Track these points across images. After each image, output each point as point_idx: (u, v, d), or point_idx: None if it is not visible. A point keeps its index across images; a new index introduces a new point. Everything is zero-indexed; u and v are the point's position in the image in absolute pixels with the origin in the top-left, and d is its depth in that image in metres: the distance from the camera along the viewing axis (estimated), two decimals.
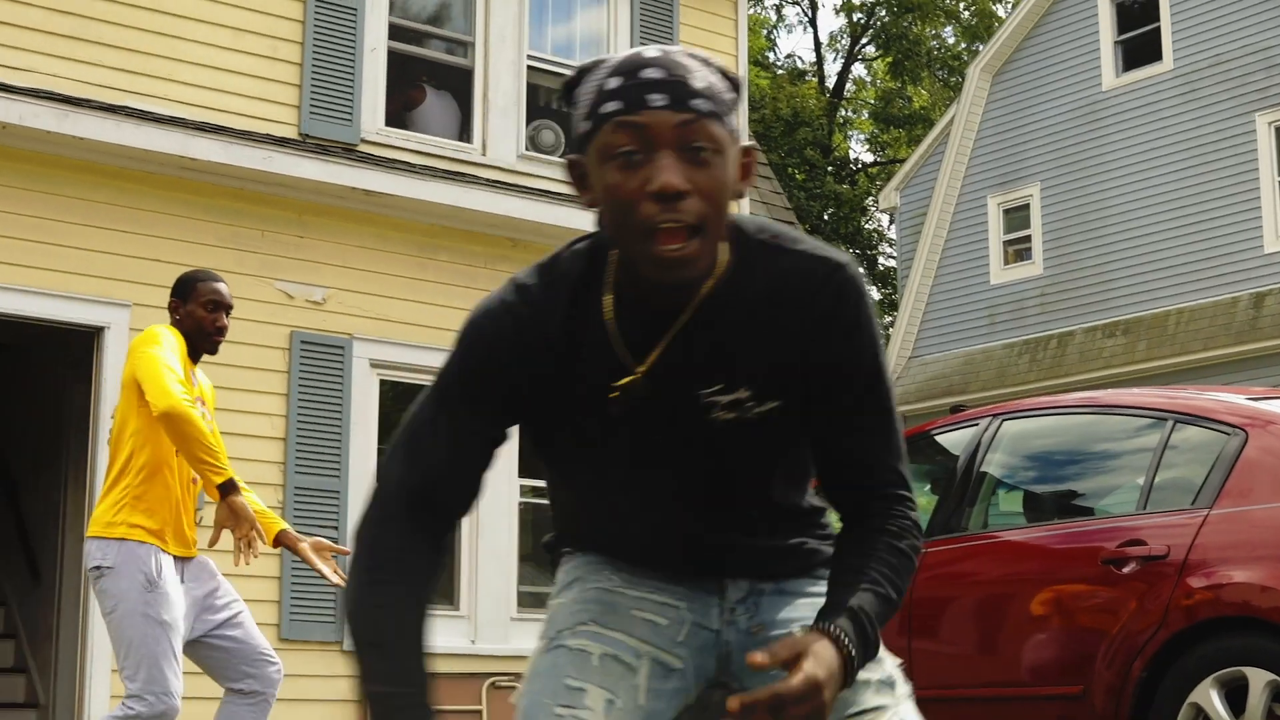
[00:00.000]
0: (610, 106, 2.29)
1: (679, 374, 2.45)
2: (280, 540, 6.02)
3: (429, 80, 13.21)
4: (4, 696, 12.80)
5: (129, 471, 5.86)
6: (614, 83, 2.30)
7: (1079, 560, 6.49)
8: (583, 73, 2.39)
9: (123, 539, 5.81)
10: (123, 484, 5.86)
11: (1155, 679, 6.01)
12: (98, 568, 5.82)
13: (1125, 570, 6.20)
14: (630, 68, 2.30)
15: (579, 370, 2.45)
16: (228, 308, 6.04)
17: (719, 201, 2.29)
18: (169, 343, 5.85)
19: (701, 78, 2.31)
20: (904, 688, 2.60)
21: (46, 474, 12.78)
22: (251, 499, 5.96)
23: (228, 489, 5.75)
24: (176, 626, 5.77)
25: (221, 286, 6.04)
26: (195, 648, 6.01)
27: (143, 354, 5.81)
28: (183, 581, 5.91)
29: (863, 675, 2.48)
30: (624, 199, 2.27)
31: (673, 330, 2.42)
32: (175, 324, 5.99)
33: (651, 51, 2.32)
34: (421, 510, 2.43)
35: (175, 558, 5.89)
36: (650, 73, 2.28)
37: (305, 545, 5.97)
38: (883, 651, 2.56)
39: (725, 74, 2.38)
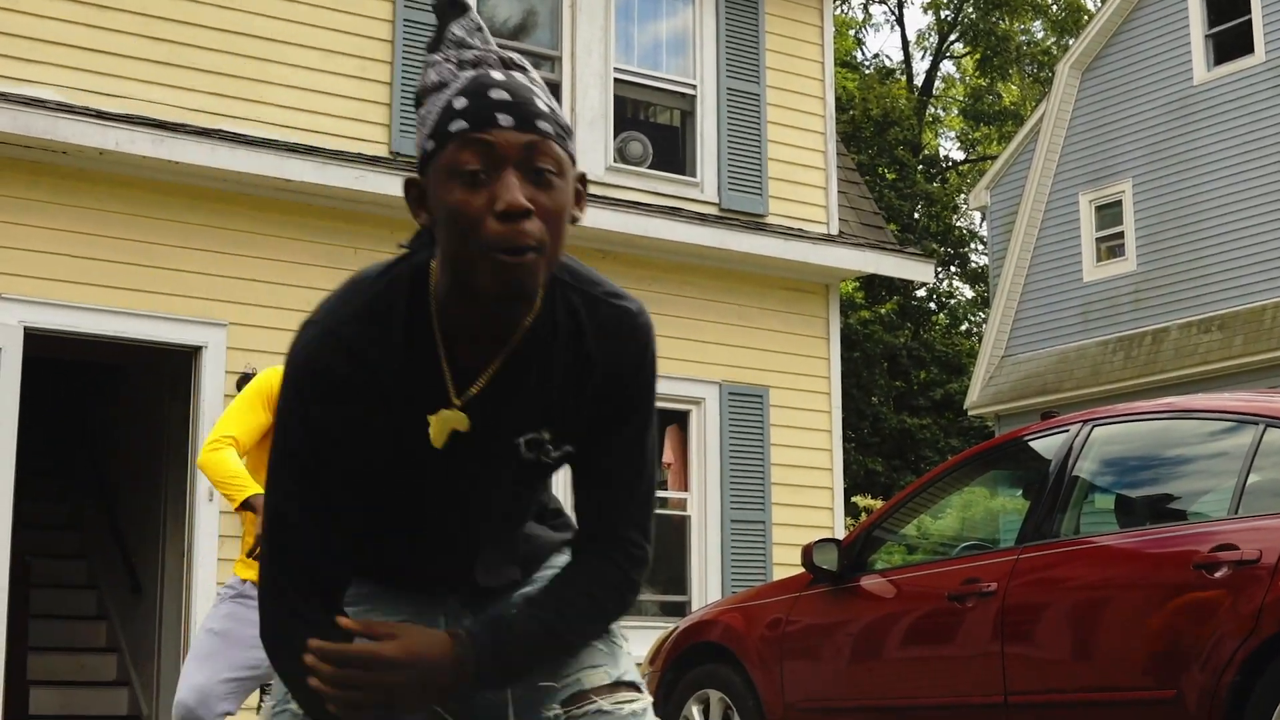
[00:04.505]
0: (457, 125, 2.29)
1: (497, 412, 2.49)
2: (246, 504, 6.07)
3: None
4: (108, 710, 13.01)
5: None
6: (461, 102, 2.31)
7: (1171, 565, 6.48)
8: (425, 92, 2.40)
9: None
10: None
11: (1248, 683, 6.00)
12: None
13: (1217, 575, 6.19)
14: (477, 88, 2.32)
15: (405, 400, 2.45)
16: None
17: (559, 223, 2.33)
18: (250, 392, 6.12)
19: (545, 101, 2.35)
20: (620, 641, 2.67)
21: (146, 491, 12.98)
22: None
23: (245, 504, 5.92)
24: (227, 634, 5.83)
25: None
26: None
27: (235, 403, 6.14)
28: None
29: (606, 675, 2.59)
30: (468, 217, 2.27)
31: (496, 363, 2.45)
32: None
33: (498, 73, 2.35)
34: (319, 595, 2.46)
35: None
36: (497, 93, 2.31)
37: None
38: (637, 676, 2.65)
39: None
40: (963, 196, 40.24)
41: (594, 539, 2.56)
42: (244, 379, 11.08)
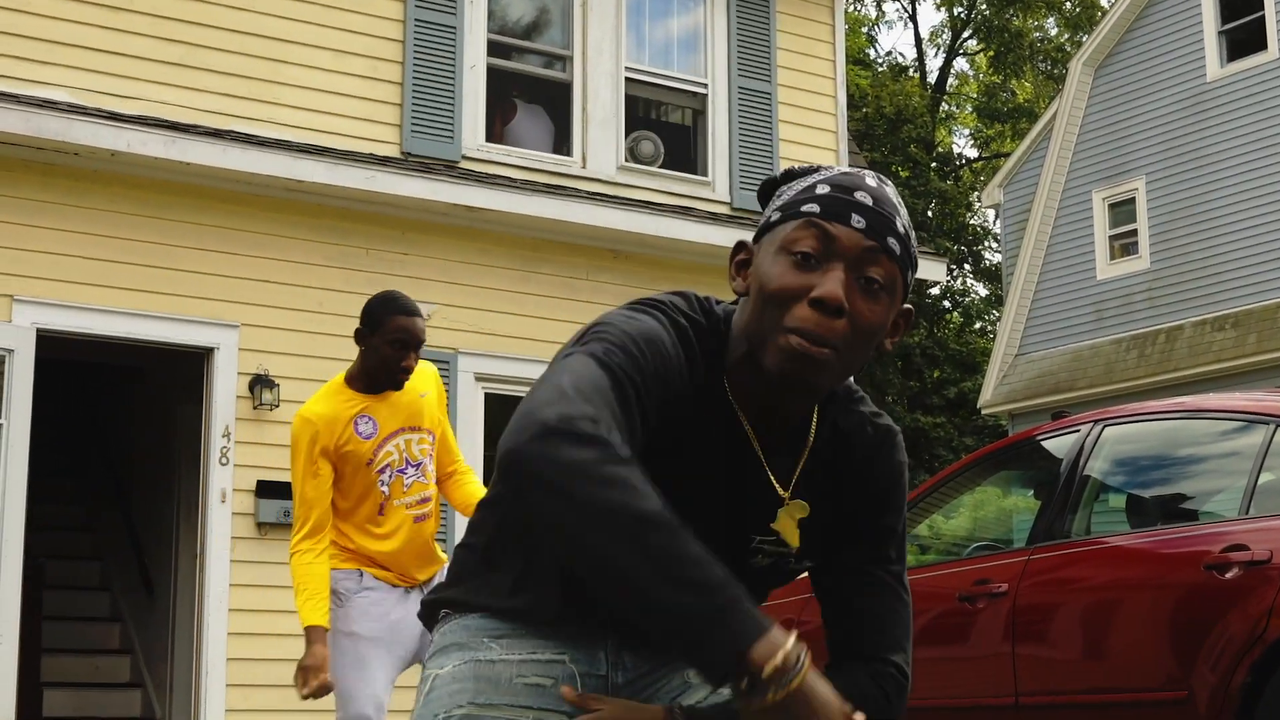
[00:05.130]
0: (809, 207, 2.28)
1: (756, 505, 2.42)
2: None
3: (520, 95, 13.32)
4: (121, 711, 13.03)
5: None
6: (824, 190, 2.29)
7: (1181, 565, 6.48)
8: (793, 174, 2.39)
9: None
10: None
11: (1259, 684, 6.00)
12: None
13: (1228, 575, 6.18)
14: (846, 184, 2.30)
15: (693, 441, 2.34)
16: (418, 344, 5.63)
17: (866, 338, 2.28)
18: (297, 453, 5.69)
19: (904, 224, 2.32)
20: None
21: (160, 492, 13.00)
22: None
23: (308, 633, 5.57)
24: (369, 636, 5.66)
25: (412, 322, 5.61)
26: None
27: (293, 470, 5.70)
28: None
29: None
30: (784, 293, 2.24)
31: (803, 458, 2.43)
32: (361, 354, 5.71)
33: (871, 180, 2.32)
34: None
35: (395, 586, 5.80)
36: (862, 196, 2.29)
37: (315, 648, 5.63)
38: None
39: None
40: (976, 194, 40.20)
41: (859, 660, 2.49)
42: (256, 381, 11.15)
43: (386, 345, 5.59)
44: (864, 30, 43.97)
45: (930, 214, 39.01)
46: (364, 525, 5.76)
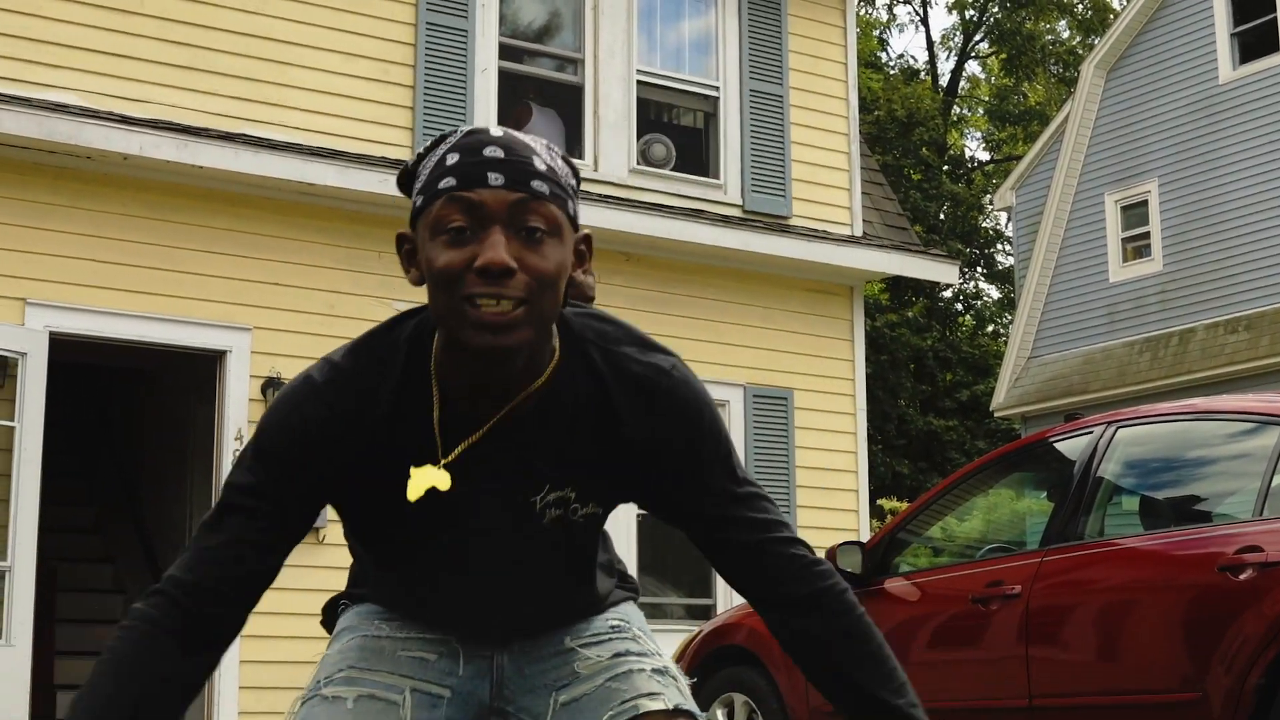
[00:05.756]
0: (446, 182, 2.27)
1: (494, 472, 2.43)
2: None
3: (534, 98, 13.33)
4: None
5: None
6: (453, 159, 2.28)
7: (1195, 567, 6.46)
8: (424, 153, 2.37)
9: None
10: None
11: (1274, 685, 5.98)
12: None
13: (1242, 577, 6.16)
14: (472, 146, 2.28)
15: (398, 457, 2.41)
16: None
17: (550, 281, 2.27)
18: None
19: (544, 160, 2.30)
20: (681, 679, 2.61)
21: (172, 495, 13.00)
22: None
23: None
24: None
25: None
26: None
27: None
28: None
29: (635, 665, 2.56)
30: (449, 273, 2.23)
31: (488, 424, 2.39)
32: None
33: (495, 131, 2.31)
34: (193, 618, 2.45)
35: None
36: (491, 151, 2.27)
37: None
38: (657, 644, 2.64)
39: (568, 161, 2.40)
40: (988, 197, 40.17)
41: (789, 573, 2.50)
42: (269, 384, 11.16)
43: None
44: (875, 33, 43.96)
45: (943, 217, 38.99)
46: None
